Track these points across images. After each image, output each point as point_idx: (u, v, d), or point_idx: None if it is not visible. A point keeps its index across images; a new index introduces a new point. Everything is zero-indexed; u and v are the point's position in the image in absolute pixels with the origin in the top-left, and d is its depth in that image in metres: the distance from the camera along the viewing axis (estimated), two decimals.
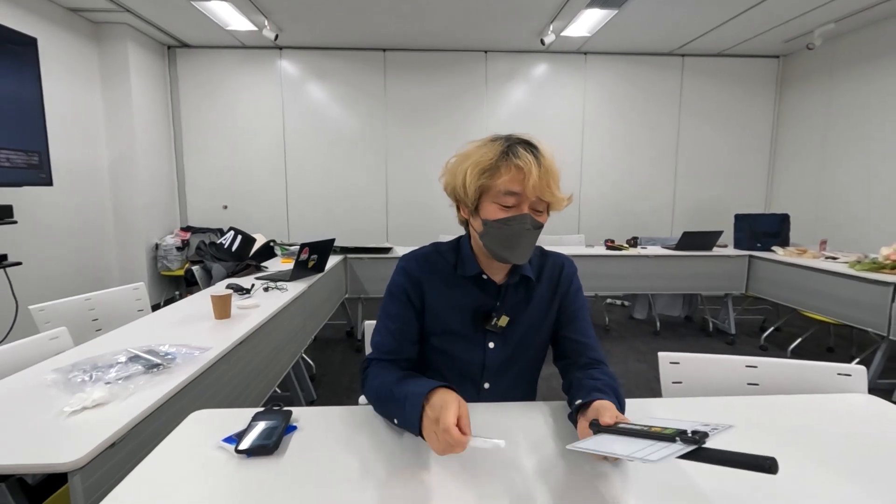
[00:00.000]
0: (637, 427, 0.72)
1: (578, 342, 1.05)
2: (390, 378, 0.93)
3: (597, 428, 0.76)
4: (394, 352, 1.01)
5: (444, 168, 1.03)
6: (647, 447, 0.65)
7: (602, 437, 0.74)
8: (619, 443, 0.69)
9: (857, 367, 1.16)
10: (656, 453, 0.62)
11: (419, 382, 0.86)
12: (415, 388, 0.83)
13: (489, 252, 0.97)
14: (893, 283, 2.66)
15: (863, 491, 0.74)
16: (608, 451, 0.67)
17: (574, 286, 1.09)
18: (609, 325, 4.32)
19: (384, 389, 0.91)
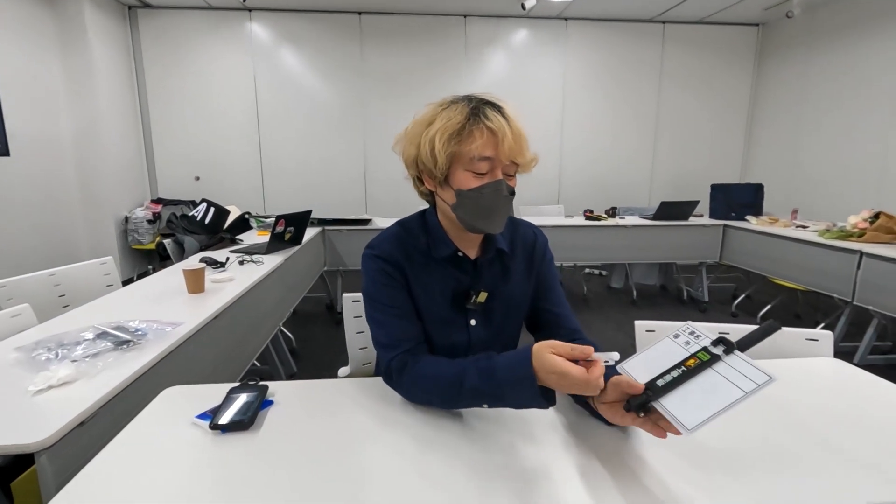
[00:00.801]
0: (672, 374, 0.69)
1: (556, 313, 1.04)
2: (449, 369, 0.84)
3: (638, 402, 0.68)
4: (416, 337, 0.94)
5: (399, 136, 0.96)
6: (715, 389, 0.65)
7: (660, 403, 0.67)
8: (688, 400, 0.66)
9: (824, 333, 1.19)
10: (734, 389, 0.65)
11: (500, 364, 0.79)
12: (510, 372, 0.76)
13: (464, 224, 0.92)
14: (860, 250, 2.75)
15: (830, 452, 0.77)
16: (710, 413, 0.63)
17: (548, 256, 1.08)
18: (587, 295, 4.38)
19: (449, 381, 0.83)
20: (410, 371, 0.89)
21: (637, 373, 0.72)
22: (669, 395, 0.67)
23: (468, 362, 0.83)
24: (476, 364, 0.82)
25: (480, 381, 0.79)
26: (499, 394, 0.78)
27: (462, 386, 0.81)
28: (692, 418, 0.63)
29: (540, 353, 0.72)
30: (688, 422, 0.63)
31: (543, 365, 0.71)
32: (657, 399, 0.67)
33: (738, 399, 0.63)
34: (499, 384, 0.77)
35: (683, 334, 0.76)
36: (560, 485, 0.69)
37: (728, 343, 0.70)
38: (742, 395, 0.64)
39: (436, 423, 0.85)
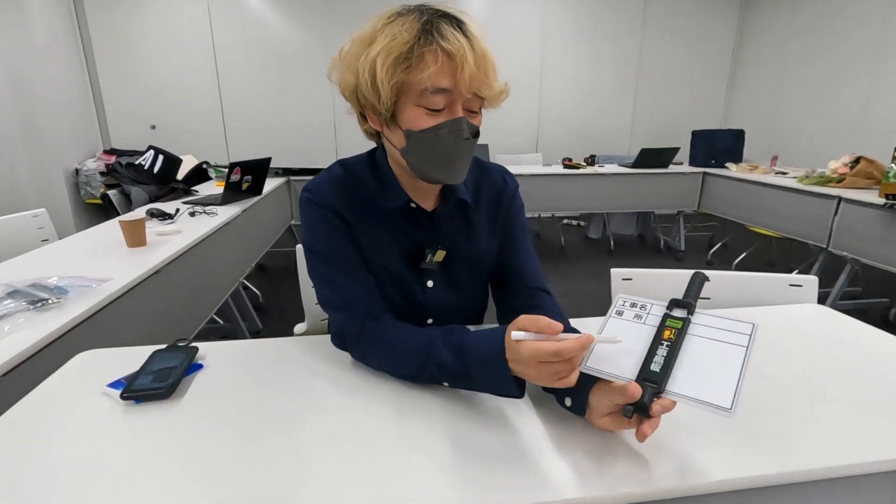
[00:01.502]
0: (660, 353, 0.60)
1: (520, 270, 0.92)
2: (415, 338, 0.73)
3: (646, 397, 0.56)
4: (371, 295, 0.81)
5: (334, 60, 0.78)
6: (712, 355, 0.59)
7: (674, 392, 0.56)
8: (695, 376, 0.57)
9: (809, 278, 1.12)
10: (730, 348, 0.59)
11: (471, 340, 0.68)
12: (482, 354, 0.66)
13: (416, 173, 0.77)
14: (838, 196, 2.71)
15: (818, 398, 0.70)
16: (736, 383, 0.55)
17: (517, 205, 0.95)
18: (564, 246, 4.33)
19: (413, 352, 0.72)
20: (369, 336, 0.77)
21: (608, 370, 0.61)
22: (675, 378, 0.58)
23: (437, 334, 0.72)
24: (445, 337, 0.71)
25: (448, 357, 0.69)
26: (466, 373, 0.68)
27: (427, 359, 0.71)
28: (723, 396, 0.54)
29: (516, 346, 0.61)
30: (722, 401, 0.54)
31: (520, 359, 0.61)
32: (667, 388, 0.57)
33: (745, 356, 0.57)
34: (467, 363, 0.67)
35: (626, 308, 0.68)
36: (549, 458, 0.60)
37: (686, 304, 0.64)
38: (744, 350, 0.58)
39: (405, 391, 0.74)
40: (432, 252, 0.85)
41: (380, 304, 0.82)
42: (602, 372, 0.61)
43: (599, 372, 0.61)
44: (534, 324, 0.59)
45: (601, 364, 0.62)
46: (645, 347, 0.62)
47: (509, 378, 0.63)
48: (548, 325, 0.59)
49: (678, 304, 0.66)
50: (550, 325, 0.59)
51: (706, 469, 0.57)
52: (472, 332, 0.70)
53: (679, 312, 0.65)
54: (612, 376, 0.60)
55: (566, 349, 0.56)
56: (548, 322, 0.59)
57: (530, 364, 0.59)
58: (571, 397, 0.65)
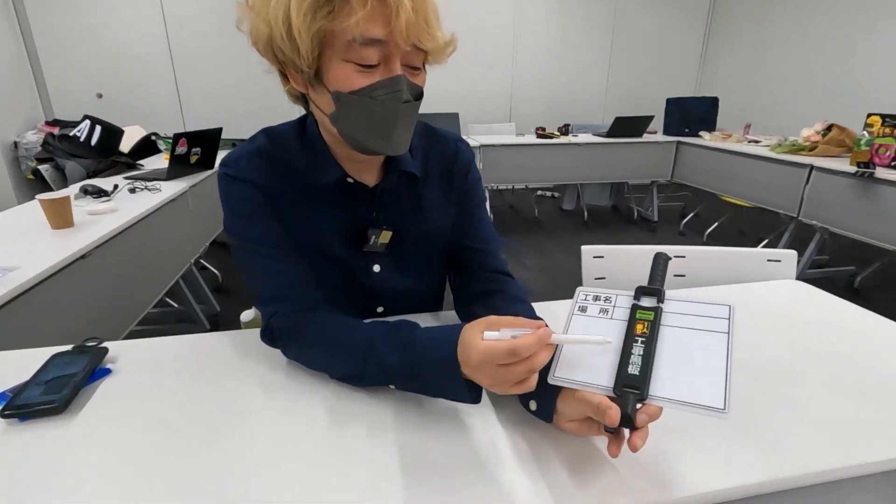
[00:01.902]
0: (635, 352, 0.52)
1: (478, 250, 0.82)
2: (354, 335, 0.64)
3: (629, 408, 0.48)
4: (303, 285, 0.71)
5: (242, 6, 0.64)
6: (691, 346, 0.51)
7: (659, 396, 0.48)
8: (680, 375, 0.49)
9: (787, 253, 1.06)
10: (711, 336, 0.52)
11: (421, 338, 0.59)
12: (430, 354, 0.57)
13: (350, 143, 0.66)
14: (810, 164, 2.68)
15: (804, 388, 0.64)
16: (724, 378, 0.48)
17: (472, 178, 0.84)
18: (538, 218, 4.27)
19: (352, 351, 0.63)
20: (303, 332, 0.67)
21: (582, 378, 0.53)
22: (657, 380, 0.49)
23: (381, 330, 0.62)
24: (390, 334, 0.61)
25: (393, 358, 0.59)
26: (414, 376, 0.59)
27: (368, 359, 0.61)
28: (713, 395, 0.47)
29: (472, 334, 0.52)
30: (714, 401, 0.46)
31: (470, 360, 0.52)
32: (651, 393, 0.49)
33: (728, 344, 0.50)
34: (414, 365, 0.58)
35: (589, 303, 0.60)
36: (512, 470, 0.52)
37: (654, 291, 0.57)
38: (726, 336, 0.51)
39: (346, 394, 0.65)
40: (376, 233, 0.75)
41: (315, 295, 0.71)
42: (575, 382, 0.52)
43: (572, 382, 0.52)
44: (498, 322, 0.51)
45: (573, 371, 0.53)
46: (618, 346, 0.53)
47: (462, 383, 0.54)
48: (511, 322, 0.50)
49: (646, 292, 0.57)
50: (513, 322, 0.50)
51: (692, 478, 0.50)
52: (421, 330, 0.60)
53: (648, 301, 0.57)
54: (587, 386, 0.51)
55: (522, 346, 0.48)
56: (511, 319, 0.50)
57: (482, 369, 0.50)
58: (537, 400, 0.57)
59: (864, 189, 2.42)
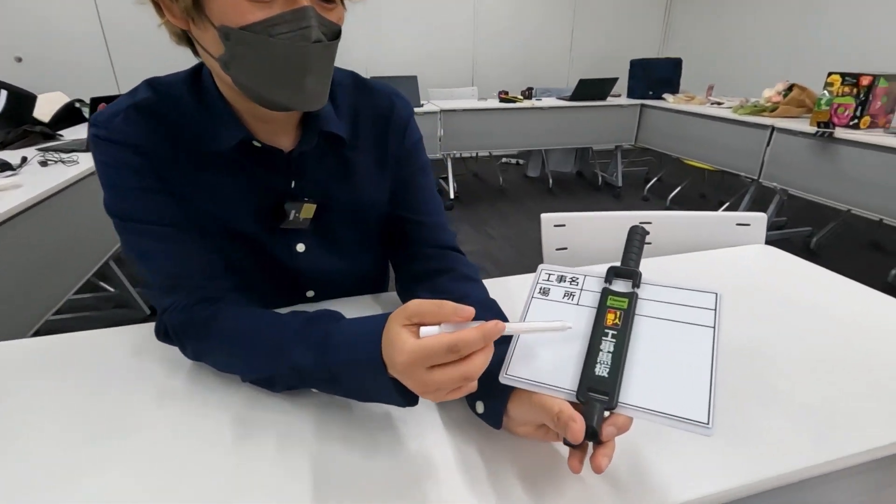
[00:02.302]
0: (604, 349, 0.43)
1: (420, 223, 0.71)
2: (265, 332, 0.53)
3: (594, 419, 0.39)
4: (205, 271, 0.58)
5: None
6: (672, 342, 0.43)
7: (629, 405, 0.40)
8: (657, 379, 0.41)
9: (757, 216, 1.00)
10: (696, 330, 0.43)
11: (339, 335, 0.48)
12: (348, 356, 0.46)
13: (247, 94, 0.52)
14: (771, 125, 2.67)
15: (778, 361, 0.57)
16: (708, 384, 0.40)
17: (411, 139, 0.71)
18: (503, 186, 4.18)
19: (262, 352, 0.52)
20: (204, 328, 0.55)
21: (538, 379, 0.43)
22: (629, 383, 0.41)
23: (295, 325, 0.51)
24: (306, 330, 0.50)
25: (307, 358, 0.49)
26: (333, 380, 0.48)
27: (280, 360, 0.50)
28: (695, 405, 0.39)
29: (394, 328, 0.42)
30: (695, 412, 0.38)
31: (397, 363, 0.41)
32: (621, 401, 0.40)
33: (714, 341, 0.42)
34: (331, 368, 0.47)
35: (553, 284, 0.50)
36: (456, 484, 0.42)
37: (630, 273, 0.48)
38: (712, 331, 0.43)
39: (256, 398, 0.54)
40: (297, 207, 0.63)
41: (221, 283, 0.59)
42: (531, 383, 0.43)
43: (527, 383, 0.43)
44: (435, 310, 0.40)
45: (529, 369, 0.44)
46: (584, 340, 0.45)
47: (391, 387, 0.44)
48: (453, 311, 0.40)
49: (619, 274, 0.48)
50: (456, 310, 0.40)
51: (665, 486, 0.42)
52: (340, 325, 0.50)
53: (622, 286, 0.48)
54: (546, 388, 0.43)
55: (463, 341, 0.38)
56: (452, 307, 0.40)
57: (411, 374, 0.40)
58: (484, 402, 0.48)
59: (824, 149, 2.42)
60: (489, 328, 0.39)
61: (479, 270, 0.68)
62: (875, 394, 0.54)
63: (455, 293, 0.61)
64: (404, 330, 0.41)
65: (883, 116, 2.38)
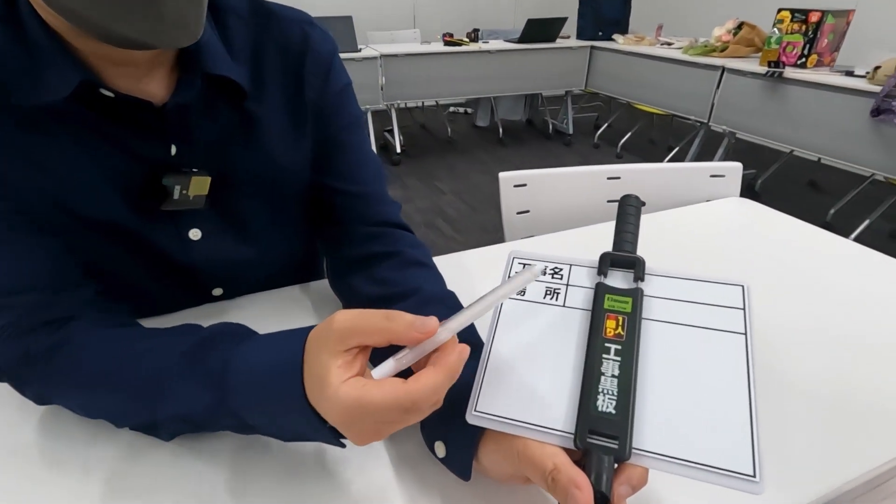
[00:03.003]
0: (608, 374, 0.32)
1: (354, 195, 0.56)
2: (135, 367, 0.38)
3: (603, 477, 0.28)
4: (49, 284, 0.42)
5: None
6: (697, 360, 0.32)
7: (652, 455, 0.29)
8: (679, 415, 0.30)
9: (731, 166, 0.91)
10: (725, 339, 0.33)
11: (245, 361, 0.34)
12: (255, 398, 0.33)
13: (76, 23, 0.35)
14: (721, 66, 2.61)
15: (776, 340, 0.49)
16: (749, 422, 0.29)
17: (336, 82, 0.54)
18: (452, 137, 3.99)
19: (130, 393, 0.37)
20: (44, 366, 0.39)
21: (517, 417, 0.32)
22: (643, 422, 0.30)
23: (178, 356, 0.37)
24: (193, 360, 0.36)
25: (198, 402, 0.35)
26: (241, 425, 0.35)
27: (160, 405, 0.36)
28: (735, 454, 0.28)
29: (321, 358, 0.29)
30: (736, 463, 0.28)
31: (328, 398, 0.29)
32: (636, 448, 0.29)
33: (749, 354, 0.32)
34: (237, 411, 0.34)
35: (530, 276, 0.36)
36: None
37: (628, 260, 0.37)
38: (744, 339, 0.32)
39: (149, 450, 0.40)
40: (181, 181, 0.46)
41: (71, 296, 0.43)
42: (507, 422, 0.32)
43: (501, 422, 0.32)
44: (382, 327, 0.28)
45: (503, 403, 0.33)
46: (577, 358, 0.33)
47: (320, 429, 0.31)
48: (409, 326, 0.28)
49: (616, 263, 0.37)
50: (414, 324, 0.28)
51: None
52: (243, 350, 0.35)
53: (621, 279, 0.36)
54: (530, 430, 0.31)
55: (423, 397, 0.27)
56: (407, 322, 0.28)
57: (351, 427, 0.29)
58: (446, 444, 0.36)
59: (772, 90, 2.40)
60: (454, 360, 0.28)
61: (430, 253, 0.55)
62: None
63: (402, 284, 0.48)
64: (335, 361, 0.28)
65: (829, 55, 2.37)
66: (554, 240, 0.73)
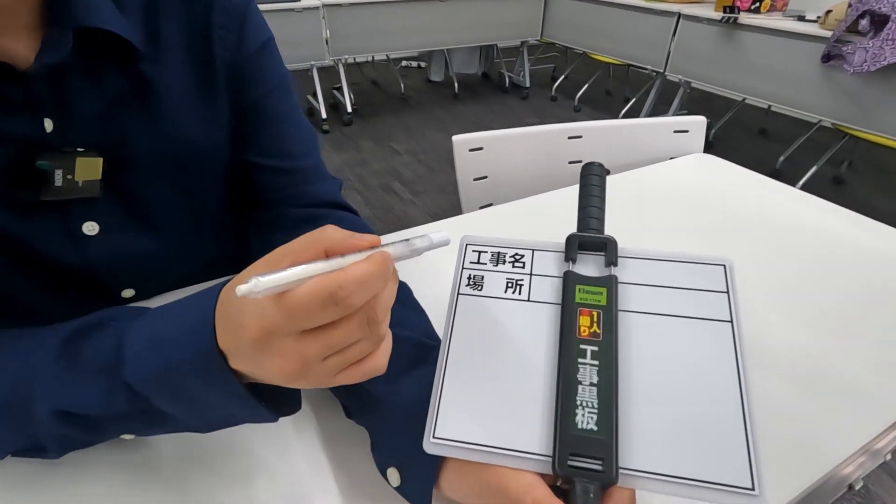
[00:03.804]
0: (584, 387, 0.27)
1: (283, 172, 0.48)
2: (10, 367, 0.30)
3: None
4: None
5: None
6: (683, 356, 0.29)
7: (641, 475, 0.25)
8: (667, 424, 0.27)
9: (695, 120, 0.87)
10: (708, 328, 0.29)
11: (144, 331, 0.28)
12: (161, 360, 0.26)
13: None
14: (677, 12, 2.56)
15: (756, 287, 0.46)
16: (742, 430, 0.26)
17: (253, 38, 0.45)
18: (406, 93, 3.82)
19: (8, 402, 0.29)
20: None
21: (482, 437, 0.27)
22: (629, 437, 0.26)
23: (54, 351, 0.29)
24: (77, 351, 0.29)
25: (88, 397, 0.28)
26: (148, 412, 0.28)
27: (33, 413, 0.28)
28: (731, 466, 0.25)
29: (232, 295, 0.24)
30: (732, 476, 0.24)
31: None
32: (623, 468, 0.25)
33: (737, 344, 0.28)
34: (136, 392, 0.27)
35: (487, 269, 0.33)
36: None
37: (597, 242, 0.32)
38: (730, 327, 0.29)
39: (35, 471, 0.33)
40: (63, 163, 0.37)
41: None
42: (473, 448, 0.27)
43: (465, 449, 0.27)
44: (314, 244, 0.23)
45: (466, 426, 0.28)
46: (548, 365, 0.29)
47: (240, 392, 0.25)
48: (346, 234, 0.23)
49: (584, 246, 0.32)
50: (352, 234, 0.24)
51: None
52: (142, 321, 0.29)
53: (592, 266, 0.32)
54: (499, 456, 0.27)
55: (349, 281, 0.21)
56: (343, 234, 0.23)
57: (271, 347, 0.23)
58: (400, 470, 0.31)
59: (727, 37, 2.38)
60: (379, 258, 0.22)
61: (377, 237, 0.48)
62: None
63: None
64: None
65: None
66: (515, 209, 0.67)
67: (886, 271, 0.55)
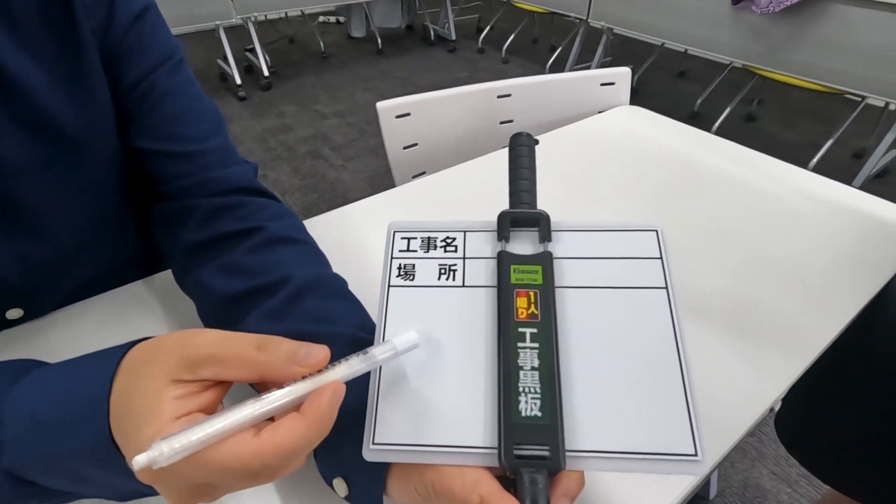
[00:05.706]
0: (527, 375, 0.26)
1: (185, 157, 0.42)
2: None
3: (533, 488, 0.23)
4: None
5: None
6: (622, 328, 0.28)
7: (585, 457, 0.25)
8: (609, 401, 0.26)
9: (620, 72, 0.87)
10: (647, 297, 0.29)
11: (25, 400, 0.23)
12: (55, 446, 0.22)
13: None
14: None
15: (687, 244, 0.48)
16: (684, 396, 0.26)
17: (126, 5, 0.38)
18: (326, 51, 3.60)
19: None
20: None
21: (423, 437, 0.26)
22: (573, 419, 0.26)
23: None
24: None
25: None
26: (34, 493, 0.24)
27: None
28: (674, 434, 0.25)
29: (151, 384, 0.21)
30: (676, 444, 0.25)
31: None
32: (570, 450, 0.25)
33: (674, 310, 0.28)
34: (7, 465, 0.22)
35: (418, 257, 0.31)
36: None
37: (530, 217, 0.31)
38: (665, 294, 0.28)
39: None
40: None
41: None
42: (415, 449, 0.26)
43: (408, 451, 0.26)
44: (245, 365, 0.21)
45: (406, 428, 0.26)
46: (487, 352, 0.27)
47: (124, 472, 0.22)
48: (287, 359, 0.21)
49: (517, 222, 0.31)
50: (295, 355, 0.21)
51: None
52: (22, 387, 0.24)
53: (526, 243, 0.31)
54: (443, 455, 0.26)
55: (278, 457, 0.19)
56: (287, 352, 0.21)
57: (168, 483, 0.21)
58: (347, 480, 0.29)
59: None
60: (326, 404, 0.20)
61: (301, 223, 0.44)
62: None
63: (267, 272, 0.38)
64: (173, 391, 0.21)
65: None
66: (449, 177, 0.65)
67: (800, 211, 0.58)
